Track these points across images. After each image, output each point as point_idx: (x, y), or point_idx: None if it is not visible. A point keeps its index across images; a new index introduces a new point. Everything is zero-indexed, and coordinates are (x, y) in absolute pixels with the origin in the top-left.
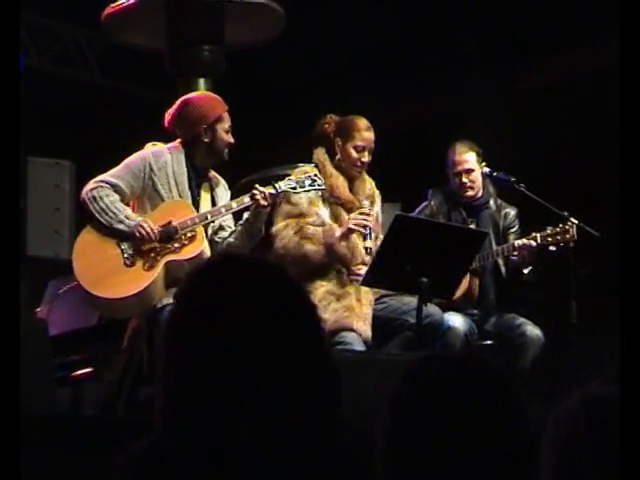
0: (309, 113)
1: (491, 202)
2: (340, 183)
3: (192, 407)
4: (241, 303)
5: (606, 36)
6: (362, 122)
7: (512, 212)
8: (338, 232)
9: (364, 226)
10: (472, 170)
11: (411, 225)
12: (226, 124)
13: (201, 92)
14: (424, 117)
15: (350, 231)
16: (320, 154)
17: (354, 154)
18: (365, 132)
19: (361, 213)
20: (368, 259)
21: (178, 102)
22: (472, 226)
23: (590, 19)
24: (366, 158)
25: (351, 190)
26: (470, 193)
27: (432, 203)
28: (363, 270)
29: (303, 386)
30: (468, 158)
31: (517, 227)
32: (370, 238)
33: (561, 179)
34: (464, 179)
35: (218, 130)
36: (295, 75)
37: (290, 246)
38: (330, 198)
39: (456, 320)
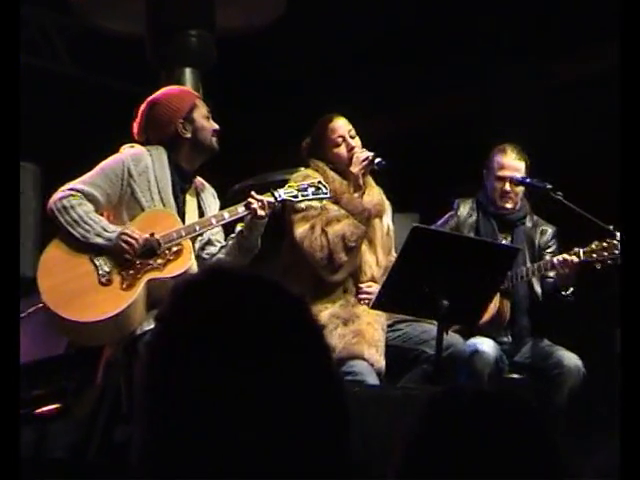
0: (312, 111)
1: (527, 217)
2: (345, 188)
3: (180, 445)
4: (234, 324)
5: None
6: (324, 119)
7: (550, 230)
8: (355, 193)
9: (367, 160)
10: None
11: (430, 239)
12: (203, 109)
13: (165, 88)
14: (445, 115)
15: (357, 178)
16: (317, 161)
17: (339, 150)
18: (332, 123)
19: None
20: (379, 274)
21: (142, 107)
22: (504, 242)
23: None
24: (353, 143)
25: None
26: (509, 205)
27: (459, 213)
28: (373, 288)
29: (306, 421)
30: (519, 165)
31: (555, 247)
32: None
33: (604, 187)
34: (507, 187)
35: (197, 119)
36: (297, 67)
37: (325, 242)
38: (333, 204)
39: (484, 343)
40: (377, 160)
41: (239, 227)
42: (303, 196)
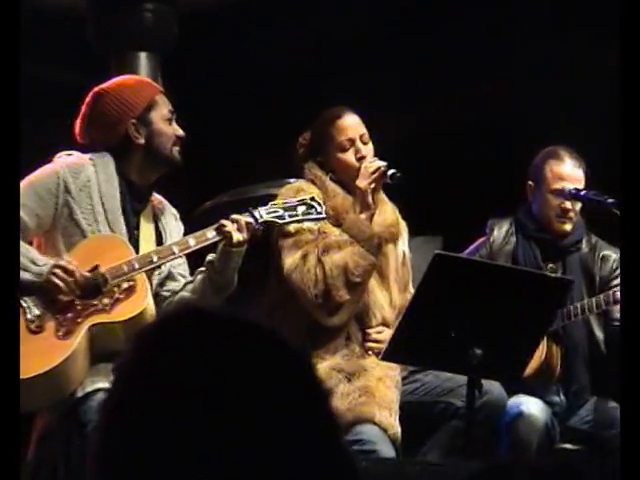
0: (304, 108)
1: (584, 240)
2: (349, 206)
3: None
4: (217, 383)
5: None
6: (330, 113)
7: (613, 255)
8: (362, 214)
9: (378, 172)
10: None
11: (457, 269)
12: (164, 109)
13: (118, 78)
14: (475, 109)
15: (365, 195)
16: (313, 168)
17: (345, 157)
18: (341, 120)
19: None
20: (392, 317)
21: (87, 99)
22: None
23: None
24: (364, 150)
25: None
26: (569, 226)
27: (492, 239)
28: (385, 334)
29: None
30: (579, 175)
31: None
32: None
33: None
34: (568, 204)
35: (154, 121)
36: (285, 51)
37: (321, 275)
38: (335, 226)
39: (531, 404)
40: (391, 171)
41: (210, 257)
42: (291, 216)
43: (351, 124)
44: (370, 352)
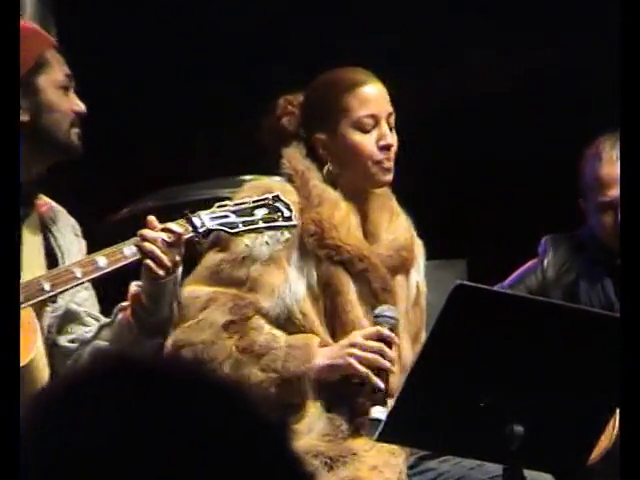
0: (278, 77)
1: None
2: (343, 216)
3: None
4: (162, 459)
5: None
6: (350, 74)
7: None
8: (320, 359)
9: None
10: None
11: (487, 306)
12: (58, 72)
13: None
14: (519, 80)
15: (350, 368)
16: (295, 158)
17: (365, 140)
18: (363, 88)
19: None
20: (399, 379)
21: None
22: None
23: None
24: (389, 138)
25: (364, 230)
26: None
27: (548, 262)
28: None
29: None
30: None
31: None
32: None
33: None
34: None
35: (43, 89)
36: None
37: (209, 353)
38: (319, 247)
39: None
40: None
41: (134, 287)
42: (246, 223)
43: (378, 96)
44: (362, 430)
